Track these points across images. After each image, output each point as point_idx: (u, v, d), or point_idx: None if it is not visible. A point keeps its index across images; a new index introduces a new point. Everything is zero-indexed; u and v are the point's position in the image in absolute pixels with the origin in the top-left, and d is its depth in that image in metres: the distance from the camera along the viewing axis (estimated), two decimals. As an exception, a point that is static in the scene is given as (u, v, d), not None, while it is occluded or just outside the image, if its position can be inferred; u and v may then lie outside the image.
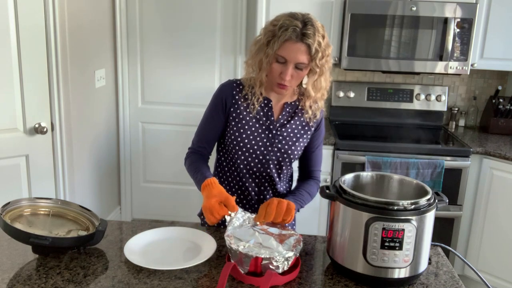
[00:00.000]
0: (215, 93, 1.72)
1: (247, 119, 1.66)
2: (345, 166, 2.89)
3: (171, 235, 1.52)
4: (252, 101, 1.66)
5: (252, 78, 1.65)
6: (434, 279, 1.36)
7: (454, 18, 2.91)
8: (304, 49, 1.51)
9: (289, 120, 1.69)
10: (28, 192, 2.56)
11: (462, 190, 2.91)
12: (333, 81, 3.43)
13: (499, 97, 3.30)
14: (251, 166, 1.68)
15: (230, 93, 1.68)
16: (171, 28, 3.49)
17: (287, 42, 1.50)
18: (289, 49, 1.51)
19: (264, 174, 1.70)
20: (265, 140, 1.67)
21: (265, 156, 1.67)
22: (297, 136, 1.69)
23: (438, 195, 1.37)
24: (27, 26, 2.40)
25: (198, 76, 3.56)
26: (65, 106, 2.71)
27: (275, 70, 1.56)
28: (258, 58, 1.58)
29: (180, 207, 3.76)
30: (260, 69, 1.59)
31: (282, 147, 1.67)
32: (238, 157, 1.67)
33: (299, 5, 3.01)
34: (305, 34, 1.50)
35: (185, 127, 3.64)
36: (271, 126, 1.67)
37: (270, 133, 1.67)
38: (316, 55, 1.52)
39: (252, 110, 1.66)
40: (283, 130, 1.68)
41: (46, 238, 1.33)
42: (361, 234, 1.27)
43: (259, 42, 1.58)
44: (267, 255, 1.27)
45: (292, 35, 1.49)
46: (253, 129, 1.66)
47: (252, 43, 1.62)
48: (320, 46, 1.52)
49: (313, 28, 1.51)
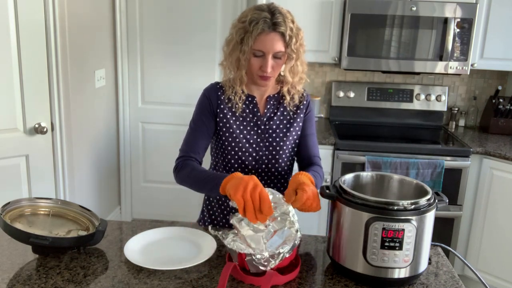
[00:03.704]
0: (200, 98, 1.71)
1: (234, 119, 1.66)
2: (345, 166, 2.89)
3: (171, 235, 1.52)
4: (235, 101, 1.66)
5: (231, 79, 1.66)
6: (434, 279, 1.36)
7: (454, 18, 2.91)
8: (278, 37, 1.53)
9: (275, 113, 1.69)
10: (28, 192, 2.56)
11: (462, 190, 2.91)
12: (333, 81, 3.44)
13: (499, 97, 3.30)
14: (245, 164, 1.68)
15: (215, 95, 1.68)
16: (171, 28, 3.49)
17: (261, 35, 1.52)
18: (265, 41, 1.53)
19: (260, 171, 1.69)
20: (255, 137, 1.67)
21: (258, 153, 1.67)
22: (286, 126, 1.69)
23: (438, 195, 1.37)
24: (27, 26, 2.40)
25: (198, 76, 3.56)
26: (65, 106, 2.71)
27: (255, 65, 1.57)
28: (234, 57, 1.59)
29: (180, 207, 3.76)
30: (238, 68, 1.60)
31: (273, 141, 1.67)
32: (232, 157, 1.67)
33: (299, 4, 3.02)
34: (276, 23, 1.52)
35: (185, 127, 3.57)
36: (258, 122, 1.68)
37: (259, 129, 1.67)
38: (290, 41, 1.54)
39: (237, 109, 1.66)
40: (271, 124, 1.68)
41: (46, 238, 1.33)
42: (361, 234, 1.27)
43: (231, 41, 1.59)
44: (248, 251, 1.27)
45: (265, 27, 1.52)
46: (241, 128, 1.66)
47: (224, 44, 1.64)
48: (292, 31, 1.55)
49: (282, 16, 1.54)
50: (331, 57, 3.09)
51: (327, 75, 3.50)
